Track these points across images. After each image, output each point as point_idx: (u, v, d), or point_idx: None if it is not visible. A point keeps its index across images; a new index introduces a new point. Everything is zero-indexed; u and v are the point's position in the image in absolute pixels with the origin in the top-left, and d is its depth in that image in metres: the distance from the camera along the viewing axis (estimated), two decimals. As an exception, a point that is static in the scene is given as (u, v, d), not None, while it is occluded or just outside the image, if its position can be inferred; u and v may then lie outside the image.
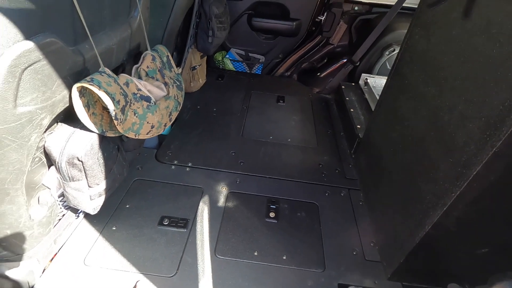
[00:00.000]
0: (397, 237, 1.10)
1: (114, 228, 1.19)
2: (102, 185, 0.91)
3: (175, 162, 1.54)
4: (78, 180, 0.84)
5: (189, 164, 1.53)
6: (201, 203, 1.33)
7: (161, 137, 1.71)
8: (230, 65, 2.59)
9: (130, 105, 0.85)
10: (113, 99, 0.76)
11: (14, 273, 0.88)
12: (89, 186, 0.87)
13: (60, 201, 0.94)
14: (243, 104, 2.09)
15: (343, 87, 2.12)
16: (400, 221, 1.09)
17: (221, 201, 1.36)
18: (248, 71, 2.62)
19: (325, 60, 2.51)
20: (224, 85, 2.30)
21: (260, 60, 2.58)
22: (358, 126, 1.71)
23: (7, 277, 0.88)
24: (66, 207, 1.00)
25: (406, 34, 1.24)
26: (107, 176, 0.91)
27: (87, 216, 1.21)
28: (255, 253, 1.16)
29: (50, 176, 0.85)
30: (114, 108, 0.76)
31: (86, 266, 1.06)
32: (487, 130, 0.73)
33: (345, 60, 2.36)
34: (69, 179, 0.84)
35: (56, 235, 0.98)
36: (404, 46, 1.24)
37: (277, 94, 2.23)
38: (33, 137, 0.72)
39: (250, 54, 2.57)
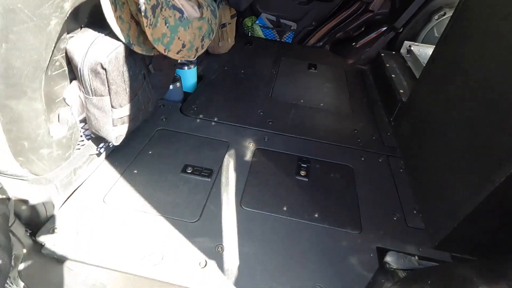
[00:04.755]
0: (449, 203, 0.95)
1: (135, 172, 1.13)
2: (125, 109, 0.83)
3: (201, 116, 1.45)
4: (101, 95, 0.76)
5: (215, 119, 1.44)
6: (226, 156, 1.24)
7: (186, 93, 1.63)
8: (259, 32, 2.46)
9: (161, 9, 0.75)
10: (143, -9, 0.67)
11: (32, 196, 0.82)
12: (112, 106, 0.79)
13: (82, 127, 0.87)
14: (272, 68, 1.97)
15: (382, 54, 1.94)
16: (453, 184, 0.95)
17: (248, 156, 1.27)
18: (278, 39, 2.48)
19: (362, 29, 2.32)
20: (252, 50, 2.19)
21: (292, 28, 2.43)
22: (401, 91, 1.55)
23: (24, 201, 0.82)
24: (88, 137, 0.93)
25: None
26: (132, 100, 0.83)
27: (108, 157, 1.16)
28: (284, 208, 1.06)
29: (71, 91, 0.78)
30: (144, 1, 0.67)
31: (105, 204, 1.00)
32: None
33: (384, 29, 2.17)
34: (92, 93, 0.76)
35: (76, 164, 0.92)
36: (459, 9, 1.05)
37: (308, 62, 2.09)
38: (53, 21, 0.64)
39: (281, 20, 2.42)
